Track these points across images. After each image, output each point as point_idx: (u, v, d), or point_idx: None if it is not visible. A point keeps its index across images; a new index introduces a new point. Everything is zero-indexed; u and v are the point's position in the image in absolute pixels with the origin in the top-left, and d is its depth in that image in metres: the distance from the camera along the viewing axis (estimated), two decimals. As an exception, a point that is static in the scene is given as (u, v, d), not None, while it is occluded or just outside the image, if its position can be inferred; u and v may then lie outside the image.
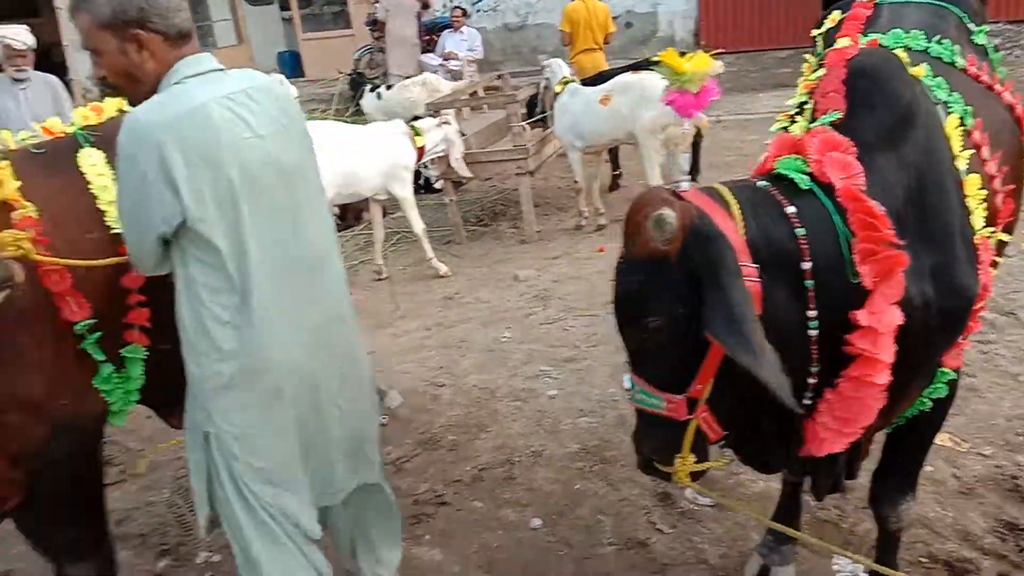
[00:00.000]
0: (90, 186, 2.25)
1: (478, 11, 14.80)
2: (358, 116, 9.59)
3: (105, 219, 2.23)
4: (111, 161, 2.29)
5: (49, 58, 11.16)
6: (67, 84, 6.95)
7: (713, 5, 13.98)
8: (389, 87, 9.02)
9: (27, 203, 2.09)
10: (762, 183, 1.89)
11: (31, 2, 16.48)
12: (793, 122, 2.28)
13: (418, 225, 6.01)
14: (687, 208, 1.71)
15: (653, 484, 3.10)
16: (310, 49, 15.98)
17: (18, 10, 15.62)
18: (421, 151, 5.89)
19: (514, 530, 3.04)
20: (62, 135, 2.41)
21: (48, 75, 5.81)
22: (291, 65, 15.52)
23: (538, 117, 7.43)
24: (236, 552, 2.05)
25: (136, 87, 1.90)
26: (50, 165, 2.27)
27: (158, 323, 2.26)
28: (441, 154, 6.14)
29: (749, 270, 1.70)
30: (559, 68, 6.90)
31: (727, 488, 3.09)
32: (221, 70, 1.92)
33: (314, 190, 2.06)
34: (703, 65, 5.17)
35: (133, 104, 1.92)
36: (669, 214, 1.65)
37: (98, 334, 2.15)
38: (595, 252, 6.10)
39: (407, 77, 9.46)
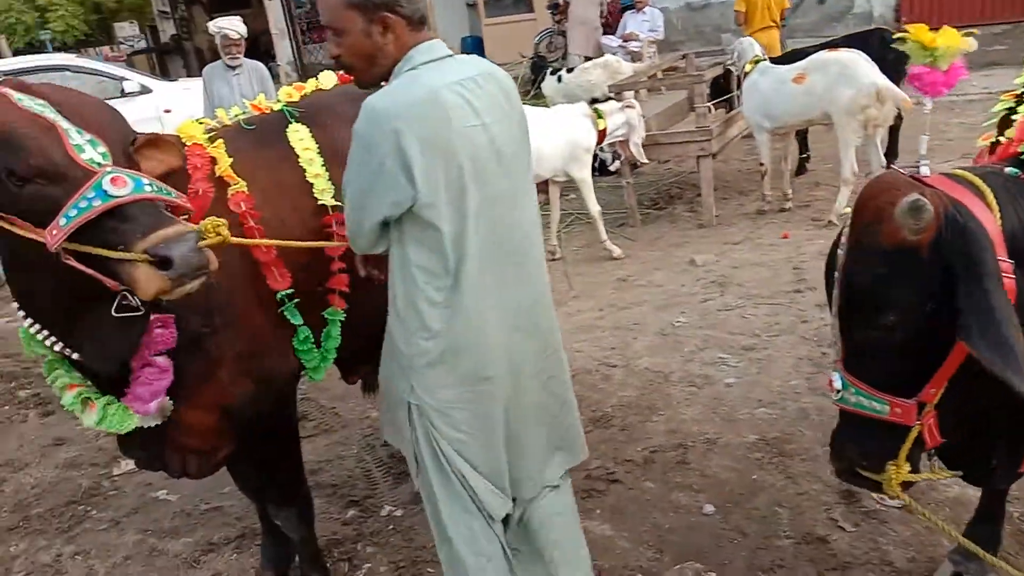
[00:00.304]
0: (298, 159, 2.42)
1: (661, -9, 14.52)
2: (538, 99, 9.71)
3: (312, 192, 2.39)
4: (315, 135, 2.45)
5: (257, 46, 12.10)
6: (272, 70, 7.52)
7: (917, -23, 12.99)
8: (570, 70, 9.05)
9: (239, 179, 2.27)
10: (1010, 169, 1.75)
11: (243, -6, 17.94)
12: (1020, 103, 2.09)
13: (594, 207, 6.02)
14: (939, 195, 1.59)
15: (837, 481, 2.96)
16: (493, 34, 16.35)
17: (231, 2, 17.07)
18: (603, 134, 5.87)
19: (686, 514, 3.01)
20: (269, 111, 2.59)
21: (255, 61, 6.38)
22: (474, 50, 15.92)
23: (723, 98, 7.21)
24: (428, 512, 2.13)
25: (371, 70, 1.94)
26: (261, 140, 2.44)
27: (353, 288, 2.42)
28: (622, 137, 6.08)
29: (1006, 265, 1.58)
30: (750, 47, 6.63)
31: (917, 490, 2.89)
32: (451, 56, 1.95)
33: (528, 175, 2.07)
34: (954, 41, 4.84)
35: (362, 87, 1.99)
36: (925, 201, 1.52)
37: (296, 301, 2.30)
38: (779, 238, 5.86)
39: (587, 58, 9.46)
